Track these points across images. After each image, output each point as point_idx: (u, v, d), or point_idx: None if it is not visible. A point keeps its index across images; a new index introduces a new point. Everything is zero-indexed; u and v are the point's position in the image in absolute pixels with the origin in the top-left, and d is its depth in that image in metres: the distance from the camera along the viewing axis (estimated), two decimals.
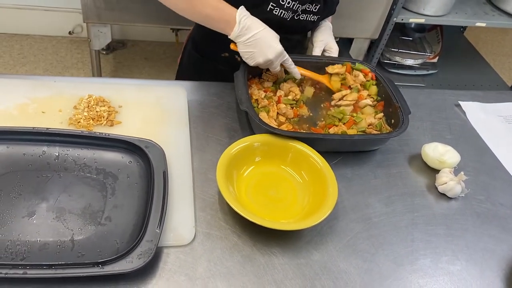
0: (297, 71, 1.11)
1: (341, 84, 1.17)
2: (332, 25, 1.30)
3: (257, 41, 1.03)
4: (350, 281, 0.81)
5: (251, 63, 1.05)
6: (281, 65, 1.09)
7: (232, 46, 1.08)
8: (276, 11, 1.12)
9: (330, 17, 1.33)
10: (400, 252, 0.88)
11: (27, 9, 2.71)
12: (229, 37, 1.05)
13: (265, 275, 0.79)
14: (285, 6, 1.12)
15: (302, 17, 1.17)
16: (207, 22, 1.07)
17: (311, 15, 1.18)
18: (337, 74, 1.17)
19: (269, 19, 1.11)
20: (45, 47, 2.79)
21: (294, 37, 1.27)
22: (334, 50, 1.23)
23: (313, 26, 1.27)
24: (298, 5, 1.13)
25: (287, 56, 1.07)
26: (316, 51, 1.22)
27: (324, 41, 1.23)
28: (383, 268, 0.84)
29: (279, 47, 1.04)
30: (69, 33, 2.84)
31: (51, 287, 0.71)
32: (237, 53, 1.22)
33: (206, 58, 1.32)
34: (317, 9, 1.18)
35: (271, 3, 1.11)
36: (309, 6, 1.16)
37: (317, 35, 1.25)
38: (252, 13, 1.07)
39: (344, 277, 0.81)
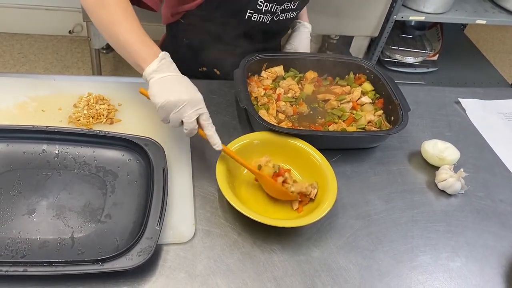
0: (218, 140, 0.87)
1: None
2: (329, 23, 1.30)
3: (174, 80, 0.87)
4: (349, 277, 0.81)
5: (160, 100, 0.84)
6: (199, 123, 0.88)
7: (141, 90, 0.91)
8: (255, 17, 1.11)
9: (305, 15, 1.33)
10: (399, 249, 0.88)
11: (27, 9, 2.71)
12: (144, 72, 0.88)
13: (265, 272, 0.79)
14: (263, 10, 1.10)
15: (281, 17, 1.16)
16: (124, 50, 0.90)
17: (290, 12, 1.17)
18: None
19: (249, 27, 1.11)
20: (45, 46, 2.79)
21: (273, 44, 1.28)
22: None
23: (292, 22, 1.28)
24: (276, 6, 1.11)
25: (206, 112, 0.87)
26: None
27: (292, 50, 1.26)
28: (382, 265, 0.84)
29: (199, 94, 0.87)
30: (69, 32, 2.84)
31: (51, 285, 0.72)
32: (216, 67, 1.20)
33: (182, 73, 1.29)
34: (296, 5, 1.16)
35: (248, 11, 1.09)
36: (288, 4, 1.13)
37: (291, 42, 1.28)
38: (232, 24, 1.05)
39: (344, 274, 0.81)
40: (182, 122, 0.86)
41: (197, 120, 0.87)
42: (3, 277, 0.71)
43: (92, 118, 0.99)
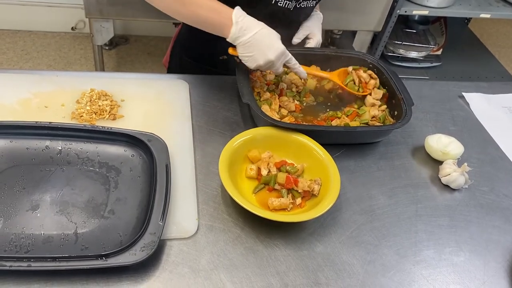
0: (303, 71, 1.06)
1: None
2: (332, 18, 1.29)
3: (257, 41, 0.97)
4: (353, 272, 0.81)
5: (252, 65, 0.99)
6: (285, 66, 1.04)
7: (230, 51, 1.03)
8: (280, 3, 1.10)
9: (318, 5, 1.33)
10: (403, 243, 0.87)
11: (30, 5, 2.71)
12: (227, 39, 0.99)
13: (268, 266, 0.79)
14: None
15: (303, 4, 1.16)
16: (202, 25, 1.00)
17: (311, 0, 1.17)
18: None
19: (274, 11, 1.10)
20: (48, 43, 2.80)
21: (292, 31, 1.26)
22: (314, 40, 1.21)
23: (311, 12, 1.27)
24: None
25: (290, 55, 1.02)
26: (299, 35, 1.20)
27: (310, 27, 1.23)
28: (386, 260, 0.84)
29: (281, 47, 0.98)
30: (72, 28, 2.84)
31: (55, 280, 0.72)
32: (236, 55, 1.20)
33: (201, 63, 1.29)
34: None
35: None
36: None
37: (306, 22, 1.25)
38: (258, 8, 1.05)
39: (347, 268, 0.81)
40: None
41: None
42: (7, 272, 0.71)
43: (95, 114, 0.99)
